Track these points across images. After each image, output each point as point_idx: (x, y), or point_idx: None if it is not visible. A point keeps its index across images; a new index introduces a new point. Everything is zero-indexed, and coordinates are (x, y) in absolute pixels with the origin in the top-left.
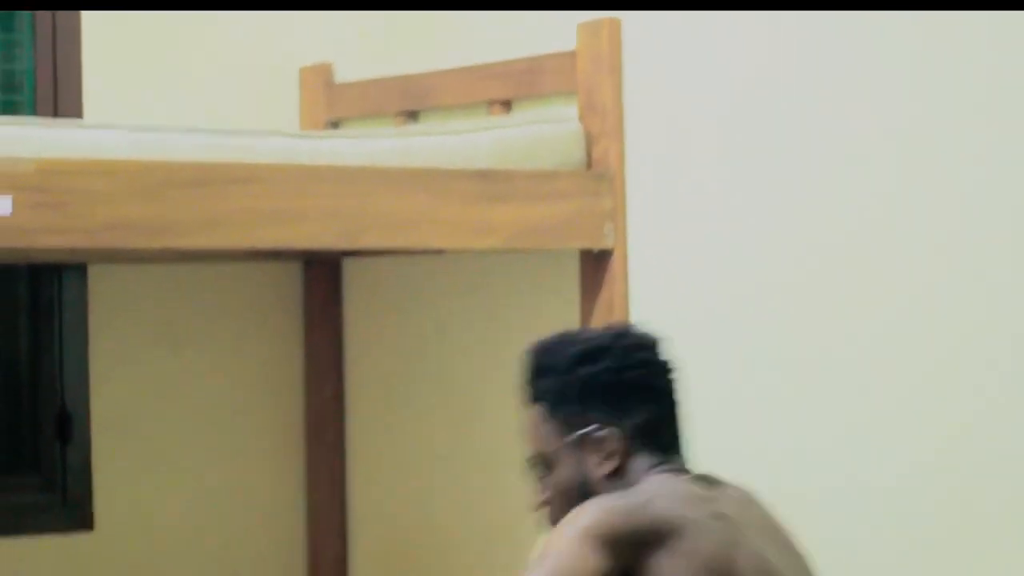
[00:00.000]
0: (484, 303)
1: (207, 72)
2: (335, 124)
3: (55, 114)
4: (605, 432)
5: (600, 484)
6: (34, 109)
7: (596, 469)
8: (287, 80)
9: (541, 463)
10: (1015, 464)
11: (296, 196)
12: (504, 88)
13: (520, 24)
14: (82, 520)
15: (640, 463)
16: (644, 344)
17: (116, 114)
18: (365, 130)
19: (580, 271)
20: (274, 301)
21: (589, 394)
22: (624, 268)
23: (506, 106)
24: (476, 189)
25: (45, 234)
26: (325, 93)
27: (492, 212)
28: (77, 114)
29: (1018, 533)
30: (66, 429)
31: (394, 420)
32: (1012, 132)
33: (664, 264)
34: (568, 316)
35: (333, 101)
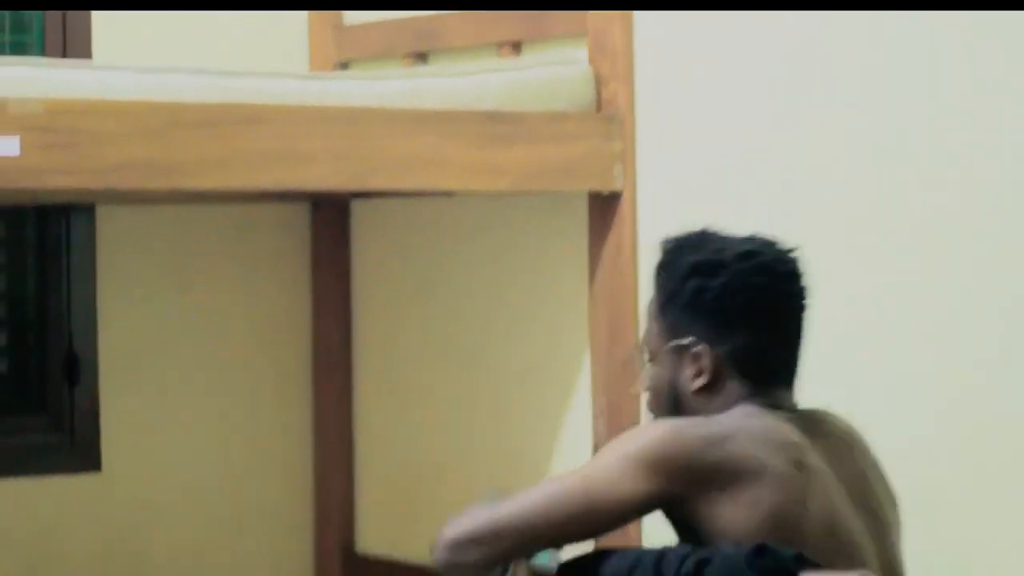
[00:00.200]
0: (492, 245)
1: (216, 14)
2: (344, 65)
3: (64, 55)
4: (701, 348)
5: (690, 398)
6: (43, 50)
7: (688, 382)
8: (296, 22)
9: (643, 352)
10: None
11: (305, 137)
12: (514, 30)
13: None
14: (89, 461)
15: (733, 389)
16: (768, 269)
17: (125, 55)
18: (374, 71)
19: (589, 213)
20: (282, 243)
21: (695, 308)
22: (633, 210)
23: (516, 48)
24: (485, 131)
25: (53, 174)
26: (334, 34)
27: (501, 154)
28: (86, 55)
29: None
30: (74, 370)
31: (401, 361)
32: None
33: (673, 206)
34: (576, 259)
35: (342, 42)
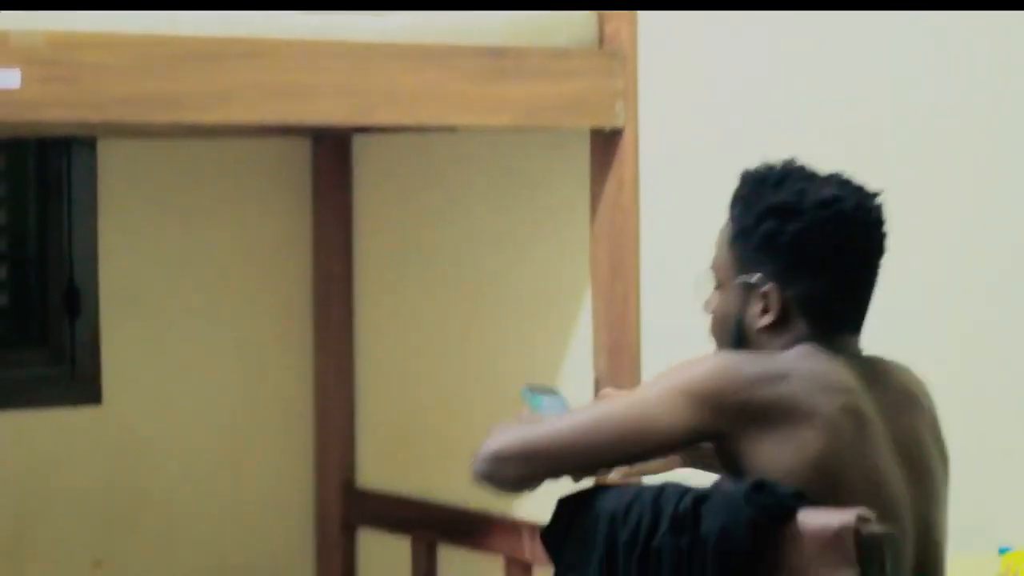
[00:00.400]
0: (494, 182)
1: None
2: None
3: None
4: (769, 288)
5: (754, 334)
6: None
7: (755, 319)
8: None
9: (715, 277)
10: None
11: (307, 71)
12: None
13: None
14: (90, 394)
15: (798, 330)
16: (847, 218)
17: None
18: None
19: (590, 150)
20: (283, 177)
21: (766, 249)
22: (635, 148)
23: None
24: (487, 66)
25: (54, 107)
26: None
27: (503, 89)
28: None
29: None
30: (74, 304)
31: (402, 296)
32: None
33: (675, 144)
34: (578, 195)
35: None
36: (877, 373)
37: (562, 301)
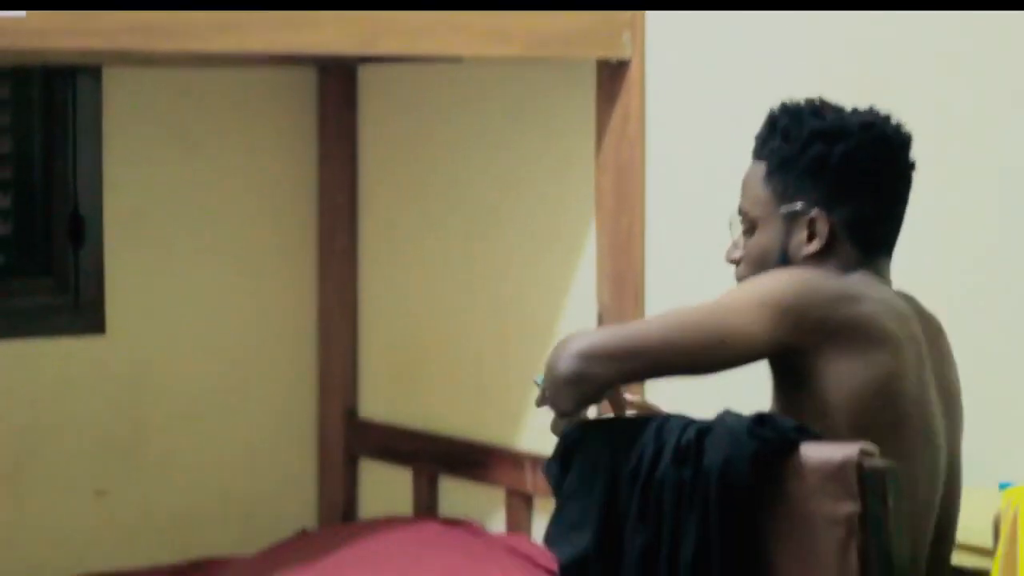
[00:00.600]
0: (500, 113)
1: None
2: None
3: None
4: (816, 213)
5: (800, 263)
6: None
7: (800, 247)
8: None
9: (745, 221)
10: None
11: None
12: None
13: None
14: (94, 323)
15: (844, 256)
16: (888, 139)
17: None
18: None
19: (597, 81)
20: (289, 107)
21: (814, 172)
22: (641, 79)
23: None
24: None
25: (60, 35)
26: None
27: (510, 19)
28: None
29: None
30: (79, 232)
31: (407, 227)
32: None
33: (682, 75)
34: (584, 126)
35: None
36: (912, 303)
37: (567, 232)
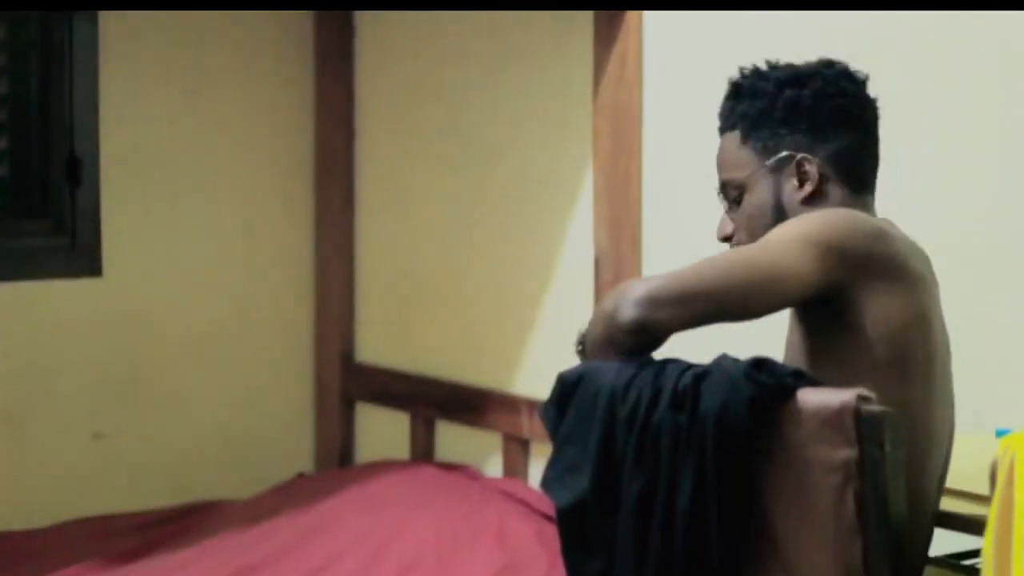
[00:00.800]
0: (496, 56)
1: None
2: None
3: None
4: (801, 156)
5: (797, 209)
6: None
7: (794, 193)
8: None
9: (731, 191)
10: None
11: None
12: None
13: None
14: (91, 266)
15: (836, 195)
16: (851, 74)
17: None
18: None
19: (594, 24)
20: (285, 46)
21: (792, 117)
22: (639, 21)
23: None
24: None
25: None
26: None
27: None
28: None
29: None
30: (76, 173)
31: (403, 166)
32: None
33: (680, 18)
34: (581, 69)
35: None
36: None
37: (563, 175)
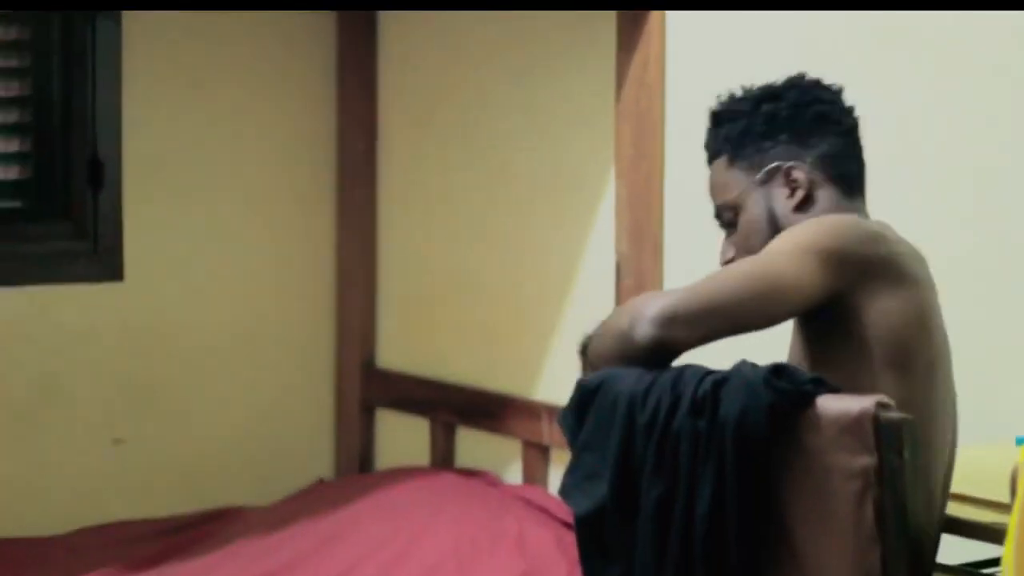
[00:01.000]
0: (520, 60)
1: None
2: None
3: None
4: (788, 165)
5: (790, 218)
6: None
7: (786, 202)
8: None
9: (726, 213)
10: None
11: None
12: None
13: None
14: (112, 270)
15: (828, 198)
16: (822, 84)
17: None
18: None
19: (617, 26)
20: (308, 52)
21: (773, 130)
22: (661, 25)
23: None
24: None
25: None
26: None
27: None
28: None
29: None
30: (98, 176)
31: (425, 176)
32: None
33: (703, 20)
34: (604, 74)
35: None
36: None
37: (585, 181)
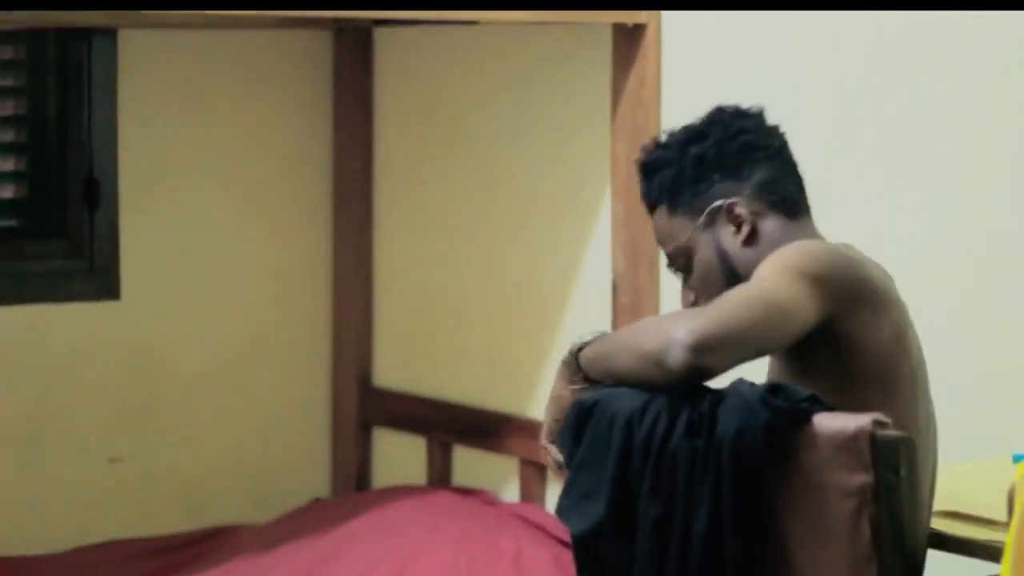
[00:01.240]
0: (515, 77)
1: None
2: None
3: None
4: (728, 202)
5: (740, 255)
6: None
7: (732, 240)
8: None
9: (679, 259)
10: None
11: None
12: None
13: None
14: (108, 289)
15: (775, 228)
16: (743, 113)
17: None
18: None
19: (613, 45)
20: (304, 70)
21: (705, 171)
22: (658, 44)
23: None
24: None
25: None
26: None
27: None
28: None
29: None
30: (94, 194)
31: (422, 193)
32: None
33: (698, 39)
34: (600, 91)
35: None
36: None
37: (581, 199)
